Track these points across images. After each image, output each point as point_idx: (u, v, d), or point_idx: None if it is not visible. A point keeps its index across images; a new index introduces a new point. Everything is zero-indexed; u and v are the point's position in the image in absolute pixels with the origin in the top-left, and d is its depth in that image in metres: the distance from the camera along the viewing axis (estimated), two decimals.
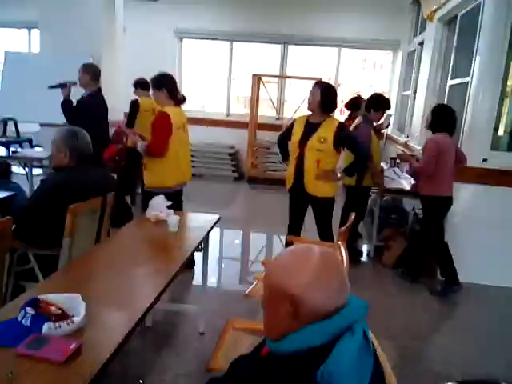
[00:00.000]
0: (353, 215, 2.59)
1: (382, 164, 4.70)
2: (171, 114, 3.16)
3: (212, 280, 3.53)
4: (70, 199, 2.16)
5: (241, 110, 8.24)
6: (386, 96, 4.32)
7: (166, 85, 3.23)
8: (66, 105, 3.92)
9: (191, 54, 8.05)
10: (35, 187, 4.50)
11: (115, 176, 4.34)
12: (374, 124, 4.05)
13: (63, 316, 1.36)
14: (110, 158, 4.46)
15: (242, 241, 4.98)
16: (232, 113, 8.04)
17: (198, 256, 3.13)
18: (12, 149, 4.57)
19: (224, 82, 8.00)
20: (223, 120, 7.88)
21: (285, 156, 3.49)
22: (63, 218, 2.13)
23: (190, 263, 5.25)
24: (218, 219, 2.70)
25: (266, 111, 7.89)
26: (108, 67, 4.68)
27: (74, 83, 3.98)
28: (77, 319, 1.36)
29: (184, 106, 3.23)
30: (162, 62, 7.44)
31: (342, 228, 2.36)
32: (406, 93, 6.65)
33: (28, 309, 1.36)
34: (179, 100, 3.33)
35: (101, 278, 1.83)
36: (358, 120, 3.98)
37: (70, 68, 4.21)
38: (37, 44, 7.56)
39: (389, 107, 4.07)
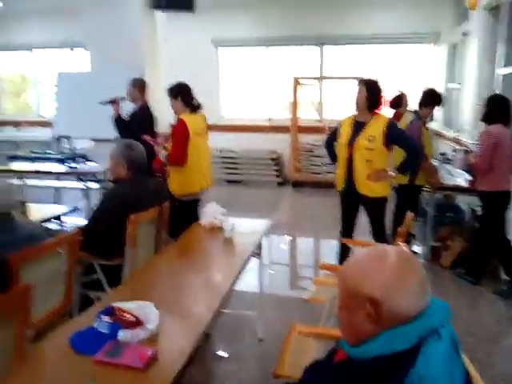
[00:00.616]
0: (410, 214, 2.50)
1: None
2: (188, 121, 3.24)
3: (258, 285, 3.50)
4: (131, 210, 2.23)
5: (281, 114, 8.24)
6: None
7: (180, 93, 3.33)
8: (118, 119, 4.07)
9: (229, 61, 8.15)
10: (91, 199, 4.72)
11: None
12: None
13: (138, 323, 1.39)
14: (158, 169, 4.56)
15: (290, 246, 4.95)
16: (272, 118, 8.06)
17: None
18: (68, 164, 4.78)
19: (263, 87, 8.03)
20: (264, 125, 7.90)
21: (333, 158, 3.44)
22: (125, 228, 2.20)
23: None
24: (270, 224, 2.70)
25: (307, 114, 7.84)
26: (151, 79, 4.81)
27: (123, 98, 4.13)
28: (151, 326, 1.39)
29: (224, 113, 3.26)
30: (201, 71, 7.60)
31: (401, 228, 2.29)
32: (452, 86, 6.41)
33: (104, 317, 1.40)
34: (195, 107, 3.38)
35: (164, 287, 1.86)
36: (408, 117, 3.87)
37: (117, 83, 4.37)
38: (81, 62, 7.97)
39: (440, 102, 3.94)
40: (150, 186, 2.51)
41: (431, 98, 3.85)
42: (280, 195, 7.09)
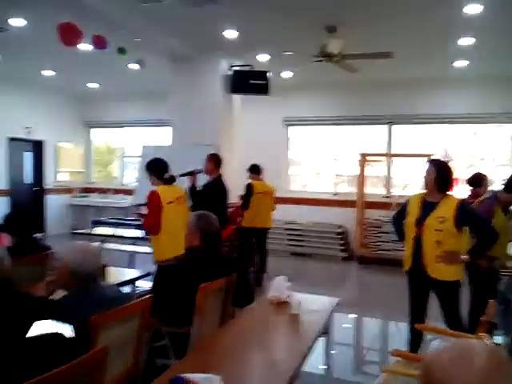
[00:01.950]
0: (492, 302, 2.34)
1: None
2: (160, 191, 3.59)
3: (323, 366, 3.34)
4: (200, 278, 2.31)
5: (347, 188, 8.30)
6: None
7: (153, 169, 3.75)
8: (193, 190, 4.35)
9: (298, 138, 8.50)
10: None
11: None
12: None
13: None
14: (226, 238, 4.71)
15: (355, 326, 4.73)
16: (338, 192, 8.11)
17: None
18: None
19: (330, 162, 8.21)
20: (330, 199, 7.96)
21: (401, 236, 3.36)
22: (193, 297, 2.27)
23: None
24: (338, 302, 2.65)
25: (374, 189, 7.82)
26: (225, 154, 5.16)
27: (200, 171, 4.44)
28: None
29: (292, 187, 3.25)
30: (271, 147, 7.99)
31: (484, 317, 2.13)
32: None
33: None
34: (167, 180, 3.73)
35: (229, 362, 1.85)
36: (484, 196, 3.73)
37: (194, 157, 4.74)
38: (165, 138, 8.74)
39: None
40: (221, 256, 2.60)
41: None
42: (345, 271, 6.91)
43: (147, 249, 5.49)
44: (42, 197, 9.04)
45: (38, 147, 8.96)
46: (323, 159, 8.37)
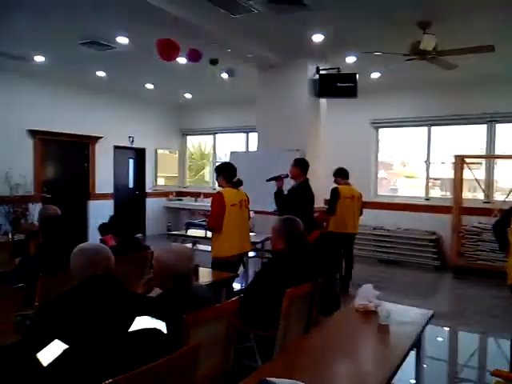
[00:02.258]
0: None
1: None
2: (225, 194, 3.78)
3: (413, 381, 3.16)
4: (287, 283, 2.34)
5: (440, 193, 7.81)
6: None
7: (222, 172, 3.94)
8: (280, 194, 4.43)
9: (387, 140, 8.19)
10: (250, 267, 5.06)
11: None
12: None
13: None
14: (312, 243, 4.70)
15: (449, 340, 4.42)
16: (431, 196, 7.65)
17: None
18: None
19: (421, 165, 7.78)
20: (422, 204, 7.54)
21: (503, 246, 3.10)
22: (280, 301, 2.31)
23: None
24: (432, 316, 2.51)
25: (470, 194, 7.25)
26: (312, 159, 5.15)
27: (286, 176, 4.50)
28: None
29: (380, 191, 3.08)
30: (359, 150, 7.80)
31: None
32: None
33: None
34: (234, 183, 3.90)
35: (315, 369, 1.83)
36: None
37: (282, 162, 4.80)
38: (252, 144, 9.00)
39: None
40: (307, 260, 2.61)
41: None
42: (438, 281, 6.50)
43: None
44: (142, 200, 9.81)
45: (139, 154, 9.74)
46: (414, 162, 7.96)
